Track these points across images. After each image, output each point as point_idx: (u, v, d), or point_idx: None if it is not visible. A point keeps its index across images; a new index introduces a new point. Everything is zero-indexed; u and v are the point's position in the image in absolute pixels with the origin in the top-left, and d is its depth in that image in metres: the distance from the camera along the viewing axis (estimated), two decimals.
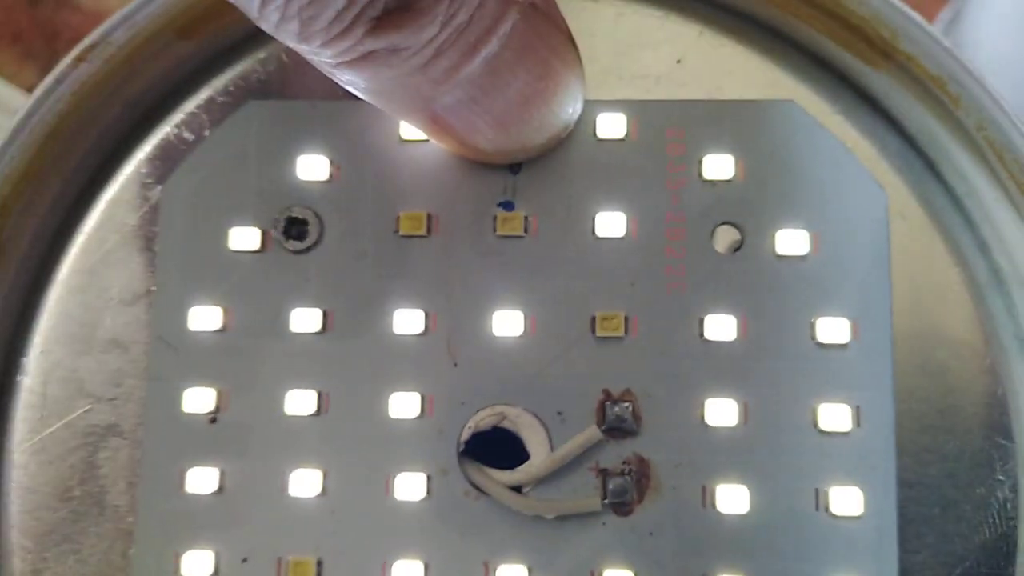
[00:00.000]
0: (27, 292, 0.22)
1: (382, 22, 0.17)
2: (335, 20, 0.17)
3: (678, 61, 0.21)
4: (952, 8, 0.40)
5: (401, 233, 0.21)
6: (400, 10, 0.17)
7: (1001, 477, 0.20)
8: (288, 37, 0.17)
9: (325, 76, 0.19)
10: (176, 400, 0.21)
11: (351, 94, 0.19)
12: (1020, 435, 0.20)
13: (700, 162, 0.21)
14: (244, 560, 0.20)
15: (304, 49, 0.18)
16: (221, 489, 0.21)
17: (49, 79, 0.21)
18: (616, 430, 0.20)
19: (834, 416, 0.20)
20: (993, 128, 0.20)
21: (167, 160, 0.22)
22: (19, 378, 0.22)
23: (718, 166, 0.21)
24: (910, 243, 0.21)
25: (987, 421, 0.20)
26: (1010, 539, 0.20)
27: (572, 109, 0.20)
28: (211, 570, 0.20)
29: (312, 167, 0.21)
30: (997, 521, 0.20)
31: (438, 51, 0.18)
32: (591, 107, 0.21)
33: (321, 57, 0.18)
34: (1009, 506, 0.20)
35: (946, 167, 0.21)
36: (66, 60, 0.21)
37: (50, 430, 0.22)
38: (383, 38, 0.17)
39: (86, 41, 0.21)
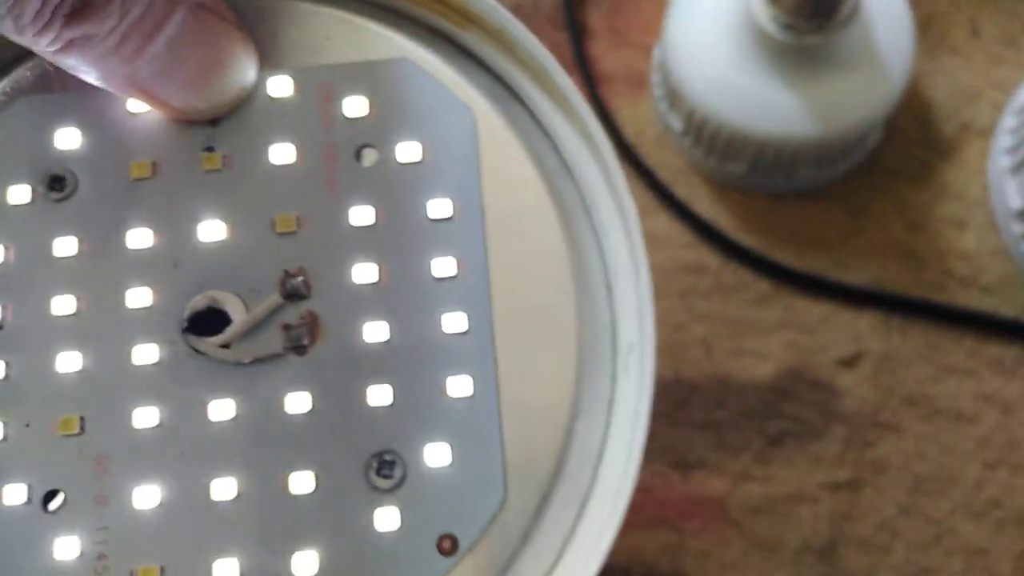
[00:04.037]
0: None
1: (73, 17, 0.25)
2: (36, 17, 0.24)
3: (327, 38, 0.30)
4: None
5: (133, 177, 0.29)
6: (84, 7, 0.25)
7: None
8: (9, 33, 0.25)
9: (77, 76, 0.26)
10: None
11: (95, 87, 0.27)
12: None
13: (342, 104, 0.29)
14: None
15: (24, 41, 0.25)
16: None
17: None
18: (293, 296, 0.28)
19: (444, 266, 0.28)
20: (534, 59, 0.29)
21: None
22: None
23: (356, 106, 0.29)
24: (493, 146, 0.29)
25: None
26: None
27: (246, 77, 0.29)
28: None
29: (68, 137, 0.29)
30: None
31: (124, 36, 0.26)
32: (265, 74, 0.29)
33: (39, 47, 0.26)
34: None
35: (519, 88, 0.30)
36: None
37: None
38: (77, 28, 0.25)
39: None
